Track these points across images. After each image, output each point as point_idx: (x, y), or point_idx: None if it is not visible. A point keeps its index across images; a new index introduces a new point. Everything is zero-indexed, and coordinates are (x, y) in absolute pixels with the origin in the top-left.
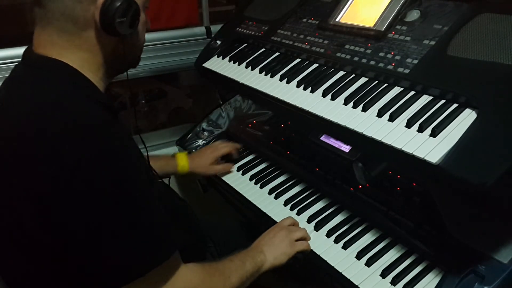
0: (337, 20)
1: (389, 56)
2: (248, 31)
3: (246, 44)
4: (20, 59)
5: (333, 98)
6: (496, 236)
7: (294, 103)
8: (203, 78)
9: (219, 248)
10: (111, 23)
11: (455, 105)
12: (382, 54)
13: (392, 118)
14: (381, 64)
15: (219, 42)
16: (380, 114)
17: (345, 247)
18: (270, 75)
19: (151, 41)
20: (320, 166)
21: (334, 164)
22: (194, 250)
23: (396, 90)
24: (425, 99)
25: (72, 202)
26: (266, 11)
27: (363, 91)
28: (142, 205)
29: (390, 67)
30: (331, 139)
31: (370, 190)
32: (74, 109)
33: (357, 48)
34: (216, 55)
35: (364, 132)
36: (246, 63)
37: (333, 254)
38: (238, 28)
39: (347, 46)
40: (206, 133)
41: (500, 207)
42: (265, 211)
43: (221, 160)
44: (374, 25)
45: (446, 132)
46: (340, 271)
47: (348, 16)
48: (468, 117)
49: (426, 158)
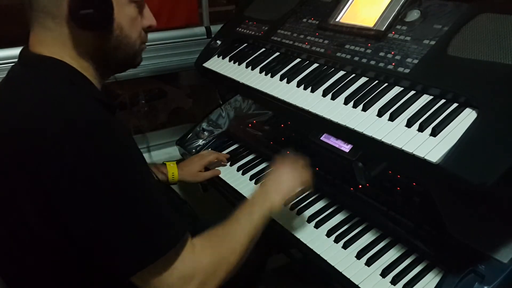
0: (337, 20)
1: (389, 56)
2: (248, 31)
3: (246, 44)
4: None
5: (333, 98)
6: (496, 236)
7: (294, 103)
8: (203, 78)
9: None
10: (77, 16)
11: (455, 104)
12: (382, 54)
13: (392, 118)
14: (381, 64)
15: (219, 42)
16: (380, 114)
17: (345, 246)
18: (270, 75)
19: (151, 41)
20: (320, 166)
21: (334, 164)
22: None
23: (396, 90)
24: (425, 98)
25: (76, 198)
26: (266, 11)
27: (363, 91)
28: (145, 194)
29: (390, 67)
30: (331, 139)
31: (370, 190)
32: (70, 106)
33: (357, 48)
34: (216, 55)
35: (364, 132)
36: (246, 63)
37: (333, 253)
38: (238, 28)
39: (347, 46)
40: (206, 133)
41: (500, 207)
42: None
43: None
44: (374, 25)
45: (446, 132)
46: (340, 271)
47: (348, 16)
48: (468, 116)
49: (426, 158)
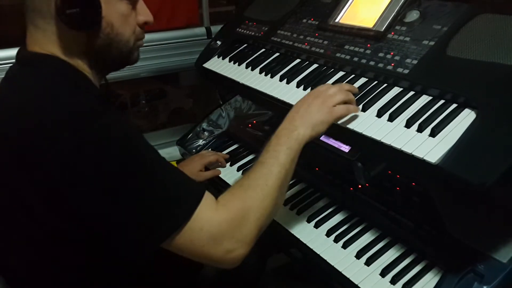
0: (336, 20)
1: (388, 56)
2: (248, 32)
3: (246, 45)
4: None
5: None
6: (495, 236)
7: (294, 103)
8: (203, 79)
9: None
10: (63, 15)
11: (454, 105)
12: (381, 54)
13: (391, 118)
14: (380, 65)
15: (219, 42)
16: (379, 114)
17: (344, 246)
18: (270, 75)
19: (152, 41)
20: (320, 166)
21: (333, 164)
22: None
23: (396, 90)
24: (424, 99)
25: (86, 184)
26: (266, 12)
27: (362, 91)
28: (153, 165)
29: (389, 67)
30: (330, 139)
31: (369, 190)
32: (65, 98)
33: (356, 49)
34: (216, 56)
35: (364, 132)
36: (246, 64)
37: (332, 253)
38: (238, 29)
39: (346, 47)
40: (206, 133)
41: (500, 207)
42: None
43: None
44: (374, 25)
45: (446, 132)
46: (340, 270)
47: (347, 16)
48: (467, 117)
49: (425, 158)
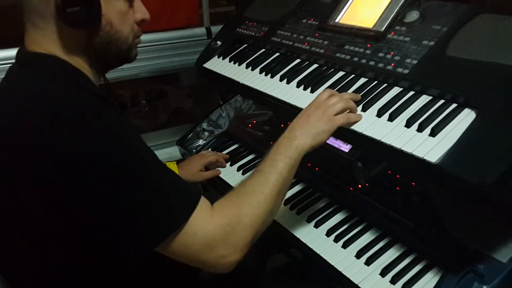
0: (336, 21)
1: (388, 56)
2: (248, 32)
3: (246, 45)
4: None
5: None
6: (495, 236)
7: (294, 103)
8: (204, 79)
9: None
10: (64, 13)
11: (454, 105)
12: (381, 54)
13: (391, 118)
14: (380, 65)
15: (219, 42)
16: (379, 114)
17: (344, 246)
18: (270, 75)
19: (152, 41)
20: (320, 166)
21: (333, 164)
22: None
23: (396, 90)
24: (424, 99)
25: (83, 185)
26: (266, 12)
27: (362, 91)
28: (149, 169)
29: (389, 67)
30: (330, 139)
31: (369, 189)
32: (63, 99)
33: (356, 49)
34: (217, 56)
35: (364, 132)
36: (246, 64)
37: (332, 253)
38: (238, 29)
39: (346, 47)
40: (206, 133)
41: (500, 207)
42: None
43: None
44: (374, 25)
45: (446, 132)
46: (340, 270)
47: (347, 17)
48: (467, 117)
49: (425, 158)
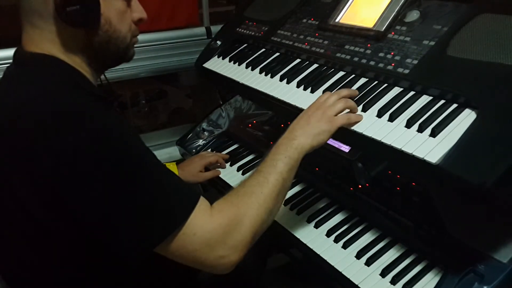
0: (337, 20)
1: (388, 56)
2: (248, 32)
3: (246, 45)
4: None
5: None
6: (496, 236)
7: (294, 103)
8: (204, 79)
9: None
10: (64, 12)
11: (454, 105)
12: (381, 54)
13: (391, 118)
14: (380, 65)
15: (219, 42)
16: (380, 114)
17: (345, 246)
18: (270, 75)
19: (152, 41)
20: (320, 166)
21: (334, 164)
22: None
23: (396, 90)
24: (424, 99)
25: (81, 185)
26: (266, 12)
27: (362, 91)
28: (148, 168)
29: (389, 67)
30: (330, 139)
31: (370, 190)
32: (61, 99)
33: (357, 49)
34: (216, 56)
35: (364, 132)
36: (246, 64)
37: (333, 253)
38: (238, 29)
39: (347, 47)
40: (206, 133)
41: (500, 207)
42: None
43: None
44: (374, 25)
45: (446, 132)
46: (340, 271)
47: (347, 16)
48: (467, 117)
49: (425, 158)
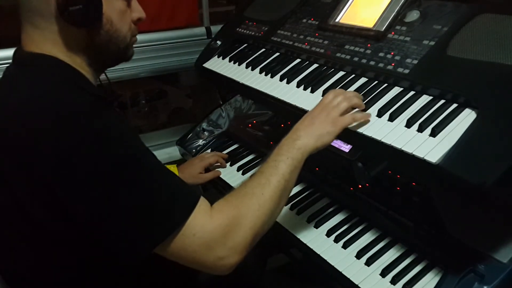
0: (337, 20)
1: (388, 56)
2: (248, 32)
3: (246, 45)
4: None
5: None
6: (496, 236)
7: (294, 103)
8: (204, 79)
9: None
10: (66, 12)
11: (454, 105)
12: (382, 54)
13: (392, 118)
14: (381, 64)
15: (219, 42)
16: (380, 114)
17: (345, 246)
18: (270, 75)
19: (152, 41)
20: (320, 166)
21: (334, 164)
22: None
23: (396, 90)
24: (424, 99)
25: (81, 186)
26: (266, 12)
27: (363, 91)
28: (149, 170)
29: (390, 67)
30: None
31: (370, 190)
32: (60, 100)
33: (357, 49)
34: (216, 56)
35: (364, 132)
36: (246, 64)
37: (333, 253)
38: (238, 29)
39: (347, 47)
40: (206, 133)
41: (500, 207)
42: None
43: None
44: (374, 25)
45: (446, 132)
46: (340, 270)
47: (347, 16)
48: (467, 117)
49: (425, 158)
